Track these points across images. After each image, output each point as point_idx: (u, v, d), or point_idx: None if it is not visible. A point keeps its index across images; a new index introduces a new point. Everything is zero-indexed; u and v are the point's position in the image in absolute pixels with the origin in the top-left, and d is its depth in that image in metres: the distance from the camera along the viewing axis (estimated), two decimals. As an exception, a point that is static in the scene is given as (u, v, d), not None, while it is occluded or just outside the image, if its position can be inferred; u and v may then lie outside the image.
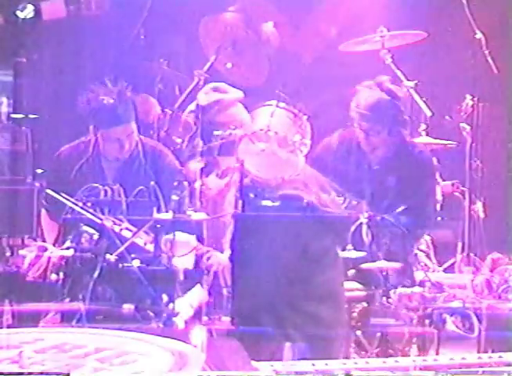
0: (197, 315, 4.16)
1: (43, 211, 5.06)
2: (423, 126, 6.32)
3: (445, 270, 5.89)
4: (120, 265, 4.09)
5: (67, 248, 4.23)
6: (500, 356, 3.28)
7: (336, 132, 5.47)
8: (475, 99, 6.38)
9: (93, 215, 4.22)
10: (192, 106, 4.61)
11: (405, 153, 5.35)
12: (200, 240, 4.49)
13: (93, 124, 5.00)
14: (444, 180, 6.43)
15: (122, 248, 4.10)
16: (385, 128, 5.17)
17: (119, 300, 4.05)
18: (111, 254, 4.09)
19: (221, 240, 4.49)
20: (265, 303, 4.10)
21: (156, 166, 5.02)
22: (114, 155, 5.02)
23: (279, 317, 4.10)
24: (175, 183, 4.33)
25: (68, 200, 4.32)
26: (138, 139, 5.06)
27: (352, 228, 4.68)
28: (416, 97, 6.19)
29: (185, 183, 4.33)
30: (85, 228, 4.20)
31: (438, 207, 6.39)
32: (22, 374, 2.82)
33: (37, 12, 5.80)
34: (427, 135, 6.31)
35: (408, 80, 6.21)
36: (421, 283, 5.05)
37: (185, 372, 2.85)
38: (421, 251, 5.82)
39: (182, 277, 4.14)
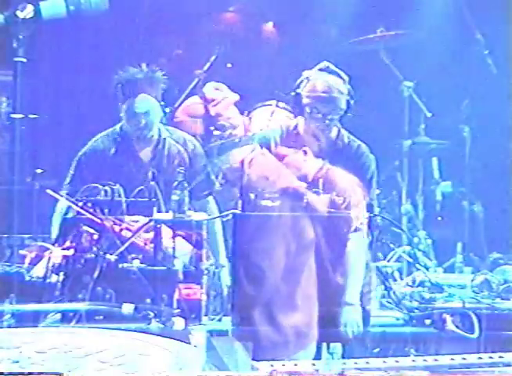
0: (197, 315, 4.16)
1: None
2: (423, 126, 6.33)
3: (445, 270, 5.90)
4: (120, 265, 4.09)
5: (67, 248, 4.23)
6: (500, 356, 3.28)
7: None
8: (475, 99, 6.39)
9: (93, 215, 4.22)
10: (196, 99, 4.59)
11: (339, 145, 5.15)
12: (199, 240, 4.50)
13: (120, 99, 5.04)
14: (444, 180, 6.45)
15: (122, 248, 4.10)
16: (339, 111, 4.96)
17: (119, 300, 4.05)
18: (111, 254, 4.09)
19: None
20: (265, 302, 4.10)
21: (187, 151, 5.05)
22: (135, 133, 5.03)
23: (279, 317, 4.10)
24: (175, 183, 4.33)
25: (68, 200, 4.33)
26: (161, 125, 5.08)
27: (352, 228, 4.68)
28: (416, 97, 6.20)
29: (185, 184, 4.33)
30: (85, 228, 4.20)
31: (438, 207, 6.40)
32: (22, 374, 2.82)
33: (37, 12, 5.79)
34: (426, 134, 6.34)
35: (407, 80, 6.22)
36: (421, 283, 5.05)
37: (185, 372, 2.85)
38: (421, 250, 5.82)
39: (181, 277, 4.14)
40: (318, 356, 3.93)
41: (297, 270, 4.12)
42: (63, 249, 4.25)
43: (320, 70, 4.85)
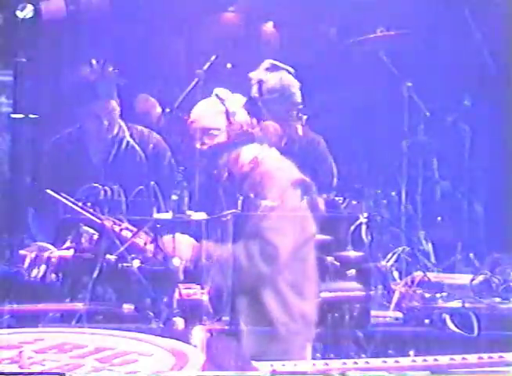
0: (197, 315, 4.16)
1: (31, 209, 5.07)
2: (422, 126, 6.33)
3: (444, 270, 5.89)
4: (120, 265, 4.08)
5: (67, 248, 4.23)
6: (500, 356, 3.28)
7: None
8: (475, 99, 6.40)
9: (93, 215, 4.21)
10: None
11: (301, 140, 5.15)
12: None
13: (76, 102, 5.04)
14: (444, 180, 6.45)
15: (122, 248, 4.09)
16: (298, 105, 4.96)
17: (119, 300, 4.04)
18: (111, 254, 4.09)
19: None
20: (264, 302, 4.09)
21: (145, 149, 5.06)
22: (95, 135, 5.03)
23: (279, 316, 4.09)
24: (175, 182, 4.32)
25: (68, 200, 4.32)
26: (122, 123, 5.08)
27: (352, 228, 4.68)
28: (416, 97, 6.20)
29: (185, 183, 4.33)
30: (85, 228, 4.20)
31: (438, 207, 6.39)
32: (22, 374, 2.82)
33: (37, 12, 5.80)
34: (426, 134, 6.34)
35: (407, 80, 6.22)
36: (421, 283, 5.05)
37: (185, 372, 2.85)
38: (420, 250, 5.82)
39: (182, 277, 4.14)
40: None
41: (297, 269, 4.12)
42: (63, 249, 4.25)
43: (267, 69, 4.87)
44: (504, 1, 6.25)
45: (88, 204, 4.27)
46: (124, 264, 4.08)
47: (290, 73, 4.92)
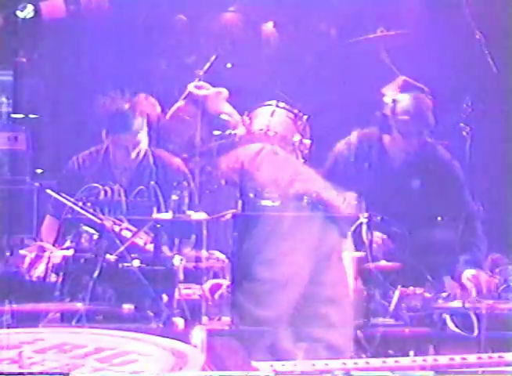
0: (197, 315, 4.16)
1: (48, 216, 5.07)
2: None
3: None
4: (120, 265, 4.09)
5: (67, 248, 4.24)
6: (500, 356, 3.28)
7: (353, 133, 5.46)
8: (475, 99, 6.39)
9: (93, 215, 4.22)
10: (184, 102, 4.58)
11: (428, 156, 5.32)
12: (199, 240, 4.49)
13: (106, 128, 5.04)
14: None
15: (122, 248, 4.10)
16: (431, 126, 5.13)
17: (119, 300, 4.05)
18: (111, 254, 4.09)
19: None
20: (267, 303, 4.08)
21: (165, 178, 5.03)
22: (121, 163, 5.04)
23: (281, 317, 4.08)
24: (175, 183, 4.33)
25: (68, 200, 4.33)
26: (148, 149, 5.07)
27: (352, 228, 4.67)
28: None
29: (185, 183, 4.33)
30: (85, 228, 4.20)
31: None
32: (22, 374, 2.82)
33: (37, 12, 5.81)
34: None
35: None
36: (421, 283, 5.05)
37: (185, 372, 2.85)
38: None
39: (182, 277, 4.14)
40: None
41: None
42: (63, 249, 4.26)
43: (401, 87, 4.93)
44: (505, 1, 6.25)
45: (88, 204, 4.27)
46: (124, 264, 4.09)
47: (424, 92, 5.00)
